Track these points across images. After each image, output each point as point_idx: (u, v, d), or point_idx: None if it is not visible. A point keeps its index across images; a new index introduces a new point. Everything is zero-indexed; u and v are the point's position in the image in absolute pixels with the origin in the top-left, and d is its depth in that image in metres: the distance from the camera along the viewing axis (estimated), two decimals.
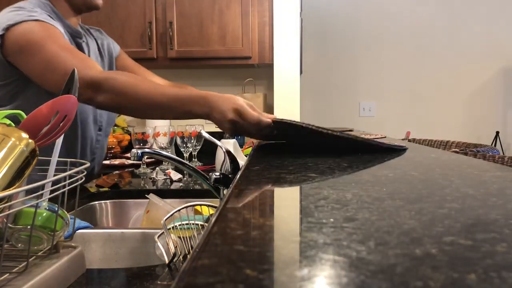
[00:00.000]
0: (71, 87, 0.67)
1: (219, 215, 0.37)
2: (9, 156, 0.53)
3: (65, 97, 0.62)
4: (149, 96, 1.02)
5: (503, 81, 3.56)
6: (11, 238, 0.61)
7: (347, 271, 0.23)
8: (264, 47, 2.40)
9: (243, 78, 2.69)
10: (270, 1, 2.39)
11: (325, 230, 0.30)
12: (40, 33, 1.11)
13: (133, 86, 1.03)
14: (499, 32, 3.52)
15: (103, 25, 2.40)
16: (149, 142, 1.92)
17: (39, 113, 0.59)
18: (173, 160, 1.00)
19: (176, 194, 1.47)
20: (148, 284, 0.75)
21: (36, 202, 0.57)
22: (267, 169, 0.64)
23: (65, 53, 1.10)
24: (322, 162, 0.67)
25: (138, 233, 1.05)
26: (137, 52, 2.40)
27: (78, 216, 1.05)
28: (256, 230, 0.32)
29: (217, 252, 0.27)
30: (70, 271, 0.66)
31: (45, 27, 1.13)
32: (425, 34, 3.54)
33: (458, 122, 3.56)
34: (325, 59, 3.59)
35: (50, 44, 1.10)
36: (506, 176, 0.57)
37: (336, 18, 3.56)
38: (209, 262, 0.25)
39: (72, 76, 0.68)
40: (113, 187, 1.49)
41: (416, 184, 0.51)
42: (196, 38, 2.39)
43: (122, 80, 1.04)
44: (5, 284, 0.54)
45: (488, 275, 0.22)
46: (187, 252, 0.81)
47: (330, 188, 0.48)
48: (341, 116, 3.58)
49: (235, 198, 0.45)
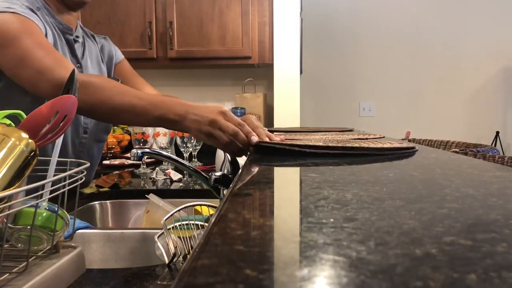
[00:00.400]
0: (71, 87, 0.67)
1: (219, 215, 0.37)
2: (9, 156, 0.53)
3: (65, 97, 0.62)
4: (122, 98, 0.96)
5: (503, 81, 3.56)
6: (11, 238, 0.61)
7: (347, 271, 0.23)
8: (264, 47, 2.40)
9: (243, 78, 2.69)
10: (270, 1, 2.39)
11: (325, 230, 0.30)
12: (15, 26, 1.06)
13: (106, 88, 0.99)
14: (500, 32, 3.52)
15: (103, 24, 2.41)
16: (149, 142, 1.92)
17: (39, 113, 0.59)
18: (173, 160, 1.00)
19: (176, 194, 1.47)
20: (148, 284, 0.75)
21: (36, 202, 0.57)
22: (267, 169, 0.64)
23: (39, 50, 1.04)
24: (322, 162, 0.67)
25: (138, 233, 1.05)
26: (137, 52, 2.40)
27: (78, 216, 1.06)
28: (256, 230, 0.32)
29: (217, 252, 0.27)
30: (70, 271, 0.66)
31: (21, 21, 1.08)
32: (425, 34, 3.54)
33: (458, 122, 3.56)
34: (325, 59, 3.59)
35: (24, 38, 1.05)
36: (506, 176, 0.57)
37: (336, 18, 3.56)
38: (209, 262, 0.25)
39: (72, 76, 0.68)
40: (113, 187, 1.49)
41: (416, 184, 0.51)
42: (196, 38, 2.39)
43: (96, 82, 1.00)
44: (5, 284, 0.54)
45: (488, 275, 0.22)
46: (187, 252, 0.81)
47: (330, 188, 0.48)
48: (341, 116, 3.58)
49: (235, 198, 0.45)
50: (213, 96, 2.76)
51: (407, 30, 3.54)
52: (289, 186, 0.54)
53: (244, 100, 2.55)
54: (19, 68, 1.06)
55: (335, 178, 0.55)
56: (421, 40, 3.54)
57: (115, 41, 2.42)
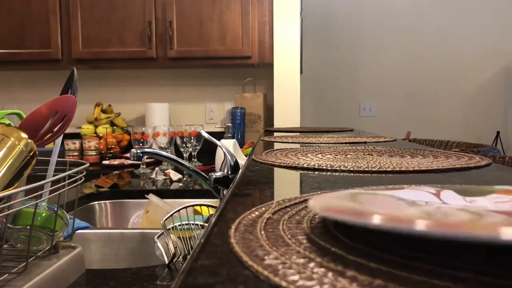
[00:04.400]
0: (70, 87, 0.67)
1: (219, 215, 0.37)
2: (8, 156, 0.53)
3: (64, 97, 0.62)
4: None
5: (503, 81, 3.56)
6: (11, 239, 0.61)
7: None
8: (264, 47, 2.40)
9: (243, 78, 2.69)
10: (270, 1, 2.39)
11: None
12: None
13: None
14: (500, 31, 3.52)
15: (103, 25, 2.40)
16: (148, 142, 1.92)
17: (38, 113, 0.59)
18: (172, 160, 0.99)
19: (176, 194, 1.46)
20: (148, 285, 0.75)
21: (36, 202, 0.56)
22: (267, 169, 0.64)
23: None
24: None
25: (137, 234, 1.05)
26: (137, 52, 2.40)
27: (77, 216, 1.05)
28: None
29: (217, 252, 0.26)
30: (69, 271, 0.65)
31: None
32: (426, 34, 3.54)
33: (458, 122, 3.56)
34: (325, 59, 3.58)
35: None
36: (506, 176, 0.56)
37: (337, 18, 3.56)
38: (209, 262, 0.25)
39: (72, 76, 0.68)
40: (113, 187, 1.49)
41: (413, 182, 0.50)
42: (196, 37, 2.39)
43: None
44: (5, 284, 0.54)
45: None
46: (187, 252, 0.81)
47: (330, 188, 0.48)
48: (342, 116, 3.58)
49: (235, 198, 0.45)
50: (213, 96, 2.76)
51: (408, 30, 3.54)
52: (289, 186, 0.54)
53: (244, 100, 2.55)
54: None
55: (335, 178, 0.55)
56: (422, 40, 3.54)
57: (115, 41, 2.43)
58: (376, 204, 0.32)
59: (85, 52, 2.39)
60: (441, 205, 0.35)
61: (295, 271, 0.22)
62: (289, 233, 0.30)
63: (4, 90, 2.80)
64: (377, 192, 0.37)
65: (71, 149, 2.42)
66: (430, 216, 0.29)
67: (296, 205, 0.38)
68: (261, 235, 0.29)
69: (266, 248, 0.26)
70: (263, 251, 0.25)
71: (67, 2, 2.40)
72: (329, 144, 1.01)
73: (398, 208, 0.32)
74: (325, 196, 0.33)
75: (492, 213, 0.30)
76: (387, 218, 0.22)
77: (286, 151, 0.83)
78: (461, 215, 0.29)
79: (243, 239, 0.28)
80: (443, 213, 0.30)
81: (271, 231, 0.30)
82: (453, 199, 0.37)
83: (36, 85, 2.78)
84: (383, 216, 0.22)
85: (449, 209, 0.32)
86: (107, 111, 2.70)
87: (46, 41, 2.40)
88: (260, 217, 0.34)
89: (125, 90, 2.78)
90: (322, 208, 0.27)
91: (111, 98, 2.76)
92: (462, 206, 0.34)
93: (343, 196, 0.33)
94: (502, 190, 0.40)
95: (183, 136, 1.98)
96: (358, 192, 0.36)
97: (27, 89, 2.79)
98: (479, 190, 0.40)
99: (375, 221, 0.22)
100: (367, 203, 0.31)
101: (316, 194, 0.42)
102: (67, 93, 0.66)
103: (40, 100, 1.12)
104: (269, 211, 0.36)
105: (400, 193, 0.38)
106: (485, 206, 0.35)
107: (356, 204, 0.30)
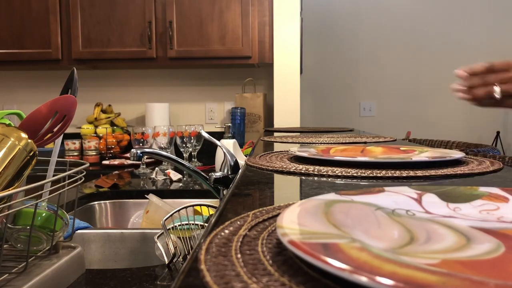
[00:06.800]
0: (70, 87, 0.67)
1: (219, 215, 0.37)
2: (8, 156, 0.53)
3: (64, 97, 0.62)
4: None
5: None
6: (11, 239, 0.61)
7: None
8: (264, 47, 2.40)
9: (243, 78, 2.69)
10: (270, 1, 2.39)
11: None
12: None
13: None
14: (501, 31, 3.52)
15: (103, 25, 2.40)
16: (148, 142, 1.92)
17: (38, 113, 0.59)
18: (172, 160, 0.99)
19: (176, 194, 1.46)
20: (148, 285, 0.75)
21: (36, 202, 0.56)
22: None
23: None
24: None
25: (137, 234, 1.05)
26: (137, 52, 2.40)
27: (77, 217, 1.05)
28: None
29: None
30: (69, 271, 0.65)
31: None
32: (426, 34, 3.54)
33: (458, 122, 3.56)
34: (325, 59, 3.58)
35: None
36: (506, 176, 0.56)
37: (336, 18, 3.56)
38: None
39: (72, 76, 0.68)
40: (113, 187, 1.49)
41: None
42: (196, 37, 2.39)
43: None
44: (5, 284, 0.54)
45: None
46: (187, 252, 0.81)
47: (330, 188, 0.48)
48: (342, 116, 3.58)
49: (235, 198, 0.45)
50: (213, 96, 2.76)
51: (408, 30, 3.54)
52: (289, 186, 0.54)
53: (244, 100, 2.55)
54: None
55: (335, 178, 0.55)
56: (422, 40, 3.54)
57: (115, 41, 2.43)
58: (352, 219, 0.29)
59: (85, 52, 2.39)
60: (422, 216, 0.33)
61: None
62: (270, 257, 0.25)
63: (4, 90, 2.80)
64: (354, 199, 0.35)
65: (71, 149, 2.42)
66: (413, 241, 0.27)
67: (275, 218, 0.33)
68: (237, 259, 0.25)
69: (244, 279, 0.22)
70: (241, 283, 0.21)
71: (67, 2, 2.40)
72: (329, 144, 1.01)
73: (377, 224, 0.30)
74: (295, 212, 0.29)
75: (480, 235, 0.28)
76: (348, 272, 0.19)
77: (282, 155, 0.83)
78: (446, 239, 0.27)
79: (216, 264, 0.24)
80: (426, 234, 0.29)
81: (248, 253, 0.26)
82: (436, 207, 0.35)
83: (36, 85, 2.78)
84: (347, 269, 0.19)
85: (432, 226, 0.30)
86: (107, 111, 2.70)
87: (46, 41, 2.40)
88: (234, 235, 0.29)
89: (125, 90, 2.78)
90: (290, 242, 0.23)
91: (111, 98, 2.76)
92: (446, 219, 0.32)
93: (315, 211, 0.30)
94: (487, 194, 0.38)
95: (183, 136, 1.98)
96: (334, 199, 0.34)
97: (27, 89, 2.79)
98: (463, 194, 0.38)
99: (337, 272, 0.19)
100: (341, 219, 0.29)
101: (288, 206, 0.36)
102: (67, 93, 0.66)
103: (40, 100, 1.11)
104: (245, 226, 0.31)
105: (379, 199, 0.36)
106: (470, 215, 0.33)
107: (329, 225, 0.27)
